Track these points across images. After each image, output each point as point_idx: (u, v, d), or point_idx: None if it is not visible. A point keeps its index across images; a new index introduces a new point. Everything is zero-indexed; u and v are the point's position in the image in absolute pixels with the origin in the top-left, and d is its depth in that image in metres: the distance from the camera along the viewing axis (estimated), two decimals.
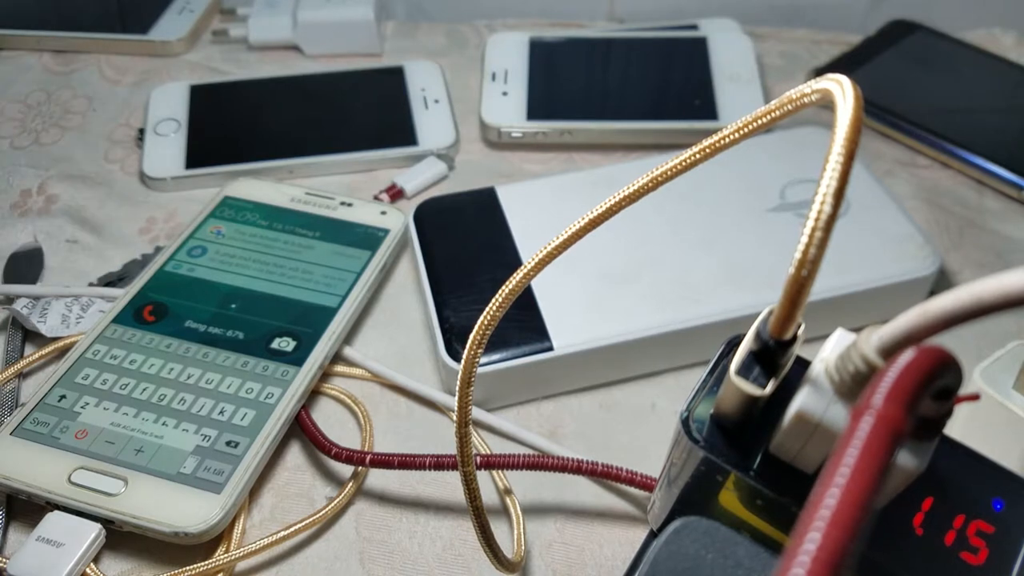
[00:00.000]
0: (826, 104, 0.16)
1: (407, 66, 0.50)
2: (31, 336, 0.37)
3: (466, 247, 0.37)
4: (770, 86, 0.50)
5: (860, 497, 0.11)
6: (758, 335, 0.17)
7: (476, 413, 0.33)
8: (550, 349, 0.33)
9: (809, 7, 0.56)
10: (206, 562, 0.28)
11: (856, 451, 0.12)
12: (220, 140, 0.45)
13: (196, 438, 0.30)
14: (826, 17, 0.56)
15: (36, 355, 0.35)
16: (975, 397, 0.21)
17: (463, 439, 0.22)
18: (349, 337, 0.36)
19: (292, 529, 0.29)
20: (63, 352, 0.35)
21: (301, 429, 0.32)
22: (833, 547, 0.11)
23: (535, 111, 0.46)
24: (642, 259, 0.36)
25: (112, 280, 0.39)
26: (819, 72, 0.50)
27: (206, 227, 0.39)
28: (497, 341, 0.33)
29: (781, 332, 0.17)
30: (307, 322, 0.35)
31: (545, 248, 0.20)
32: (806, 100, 0.17)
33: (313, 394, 0.34)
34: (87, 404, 0.31)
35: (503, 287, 0.20)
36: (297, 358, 0.33)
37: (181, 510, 0.28)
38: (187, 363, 0.33)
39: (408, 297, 0.39)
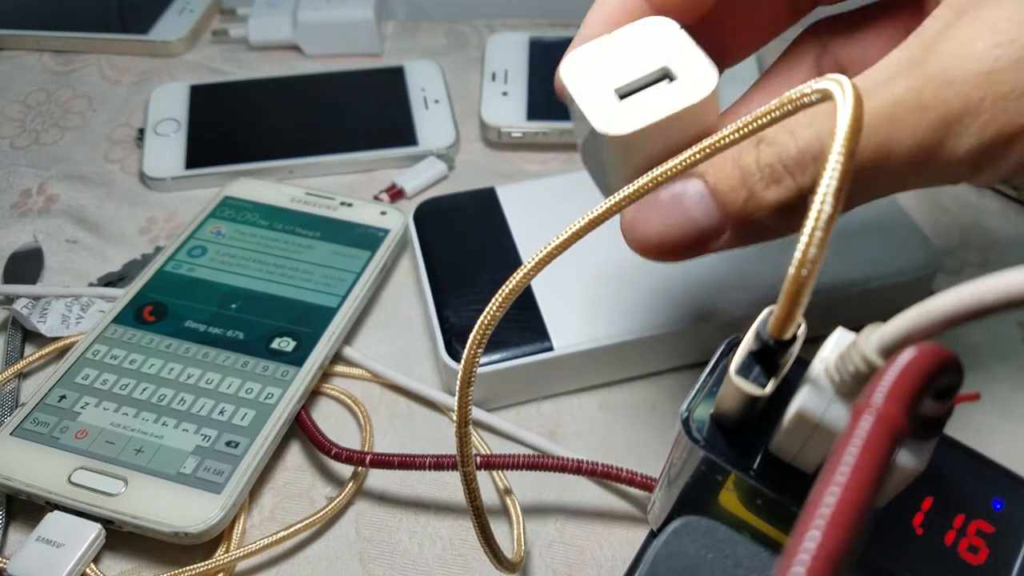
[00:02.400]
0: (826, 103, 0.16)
1: (407, 66, 0.50)
2: (31, 336, 0.37)
3: (466, 247, 0.37)
4: None
5: (859, 496, 0.11)
6: (758, 335, 0.17)
7: (476, 413, 0.33)
8: (550, 349, 0.33)
9: None
10: (206, 562, 0.28)
11: (856, 450, 0.12)
12: (220, 140, 0.45)
13: (196, 438, 0.30)
14: None
15: (36, 355, 0.35)
16: (975, 396, 0.21)
17: (463, 439, 0.22)
18: (349, 337, 0.36)
19: (292, 529, 0.29)
20: (63, 352, 0.35)
21: (301, 429, 0.32)
22: (833, 546, 0.11)
23: (535, 111, 0.46)
24: (642, 259, 0.35)
25: (112, 280, 0.39)
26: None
27: (206, 227, 0.39)
28: (497, 341, 0.33)
29: (781, 332, 0.17)
30: (307, 322, 0.35)
31: (545, 248, 0.20)
32: (806, 100, 0.17)
33: (313, 394, 0.34)
34: (87, 404, 0.31)
35: (503, 287, 0.20)
36: (297, 358, 0.33)
37: (181, 510, 0.28)
38: (187, 363, 0.33)
39: (408, 297, 0.39)
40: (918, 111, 0.18)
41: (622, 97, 0.21)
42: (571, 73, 0.21)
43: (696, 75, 0.20)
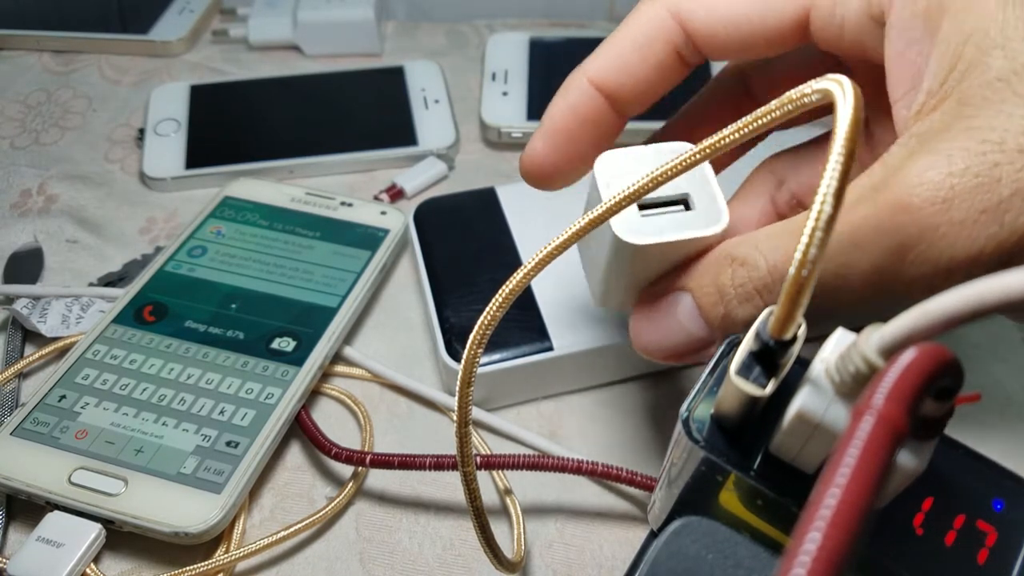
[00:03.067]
0: (826, 103, 0.16)
1: (407, 66, 0.50)
2: (31, 336, 0.37)
3: (466, 247, 0.37)
4: None
5: (860, 497, 0.11)
6: (758, 335, 0.17)
7: (476, 413, 0.33)
8: (550, 349, 0.33)
9: None
10: (206, 562, 0.28)
11: (856, 451, 0.12)
12: (220, 140, 0.45)
13: (196, 438, 0.30)
14: None
15: (36, 355, 0.35)
16: (975, 397, 0.21)
17: (463, 439, 0.22)
18: (349, 337, 0.36)
19: (292, 529, 0.29)
20: (63, 352, 0.35)
21: (301, 429, 0.32)
22: (833, 547, 0.11)
23: (535, 111, 0.46)
24: None
25: (112, 280, 0.39)
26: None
27: (206, 227, 0.39)
28: (497, 341, 0.33)
29: (781, 332, 0.17)
30: (307, 322, 0.35)
31: (545, 248, 0.20)
32: (806, 100, 0.17)
33: (313, 394, 0.34)
34: (87, 404, 0.31)
35: (503, 287, 0.20)
36: (297, 358, 0.33)
37: (181, 510, 0.28)
38: (187, 363, 0.33)
39: (408, 297, 0.39)
40: (877, 235, 0.19)
41: (641, 208, 0.23)
42: (603, 171, 0.23)
43: (711, 211, 0.22)
